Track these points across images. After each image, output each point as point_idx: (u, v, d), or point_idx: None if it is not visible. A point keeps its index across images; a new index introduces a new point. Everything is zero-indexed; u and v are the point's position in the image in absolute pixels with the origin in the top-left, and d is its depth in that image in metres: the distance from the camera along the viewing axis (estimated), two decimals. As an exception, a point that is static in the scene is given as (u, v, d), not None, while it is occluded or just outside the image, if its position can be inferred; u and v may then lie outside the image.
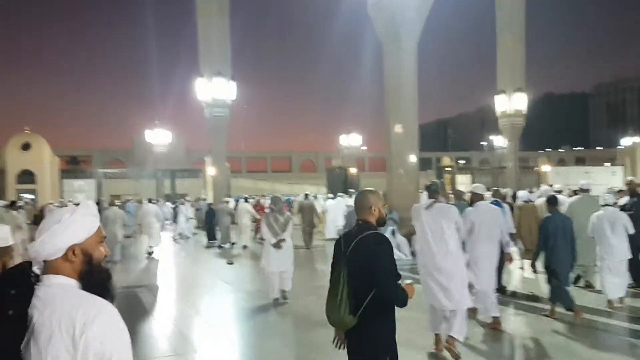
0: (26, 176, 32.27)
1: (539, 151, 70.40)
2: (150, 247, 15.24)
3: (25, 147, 32.21)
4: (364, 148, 58.30)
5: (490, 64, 35.28)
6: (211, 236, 18.12)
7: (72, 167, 51.68)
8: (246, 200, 20.62)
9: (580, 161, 70.26)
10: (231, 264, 12.60)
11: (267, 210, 9.16)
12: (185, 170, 39.40)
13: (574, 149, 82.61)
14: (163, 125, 47.68)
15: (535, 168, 44.91)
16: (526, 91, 34.19)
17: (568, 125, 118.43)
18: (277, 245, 8.11)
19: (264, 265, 8.35)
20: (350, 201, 15.87)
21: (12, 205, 12.70)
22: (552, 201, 7.10)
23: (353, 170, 37.97)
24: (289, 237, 8.31)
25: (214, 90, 27.59)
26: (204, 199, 28.24)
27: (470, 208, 6.60)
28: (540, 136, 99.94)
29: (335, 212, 17.13)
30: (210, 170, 34.85)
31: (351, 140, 49.62)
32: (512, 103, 34.01)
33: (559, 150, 79.61)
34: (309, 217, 16.26)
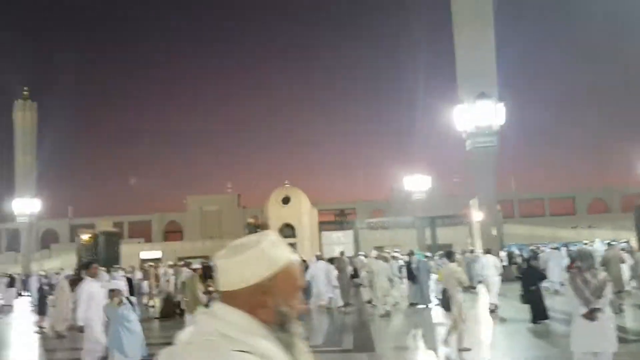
0: (287, 230, 31.93)
1: None
2: (492, 304, 13.51)
3: (285, 200, 32.08)
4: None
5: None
6: (541, 313, 11.34)
7: (340, 219, 51.83)
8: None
9: None
10: None
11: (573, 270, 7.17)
12: (446, 217, 34.54)
13: None
14: (421, 169, 44.36)
15: None
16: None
17: None
18: (589, 316, 5.94)
19: (572, 344, 6.31)
20: None
21: (450, 256, 10.08)
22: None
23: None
24: (607, 306, 6.13)
25: (477, 116, 22.47)
26: (471, 251, 22.70)
27: None
28: None
29: None
30: (477, 216, 29.40)
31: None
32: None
33: None
34: (616, 274, 12.24)
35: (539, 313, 11.31)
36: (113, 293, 7.22)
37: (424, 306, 15.09)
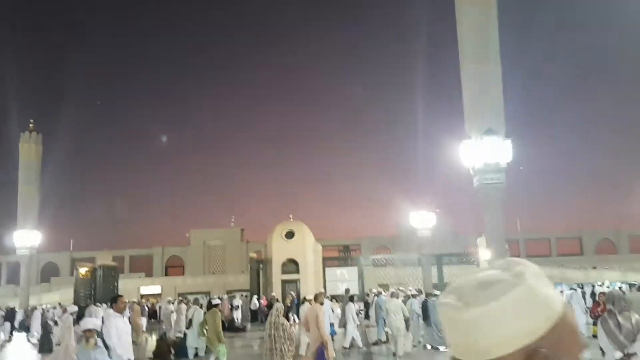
0: (290, 265, 31.32)
1: None
2: None
3: (289, 235, 31.55)
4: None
5: None
6: None
7: (344, 255, 51.10)
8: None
9: None
10: None
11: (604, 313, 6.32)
12: (453, 255, 33.87)
13: None
14: (426, 206, 43.95)
15: None
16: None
17: None
18: None
19: None
20: None
21: None
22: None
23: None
24: None
25: (484, 152, 22.24)
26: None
27: None
28: None
29: None
30: (484, 254, 28.84)
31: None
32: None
33: None
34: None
35: None
36: (88, 333, 6.21)
37: (440, 349, 14.25)
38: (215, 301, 12.74)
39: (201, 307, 17.43)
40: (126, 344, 7.26)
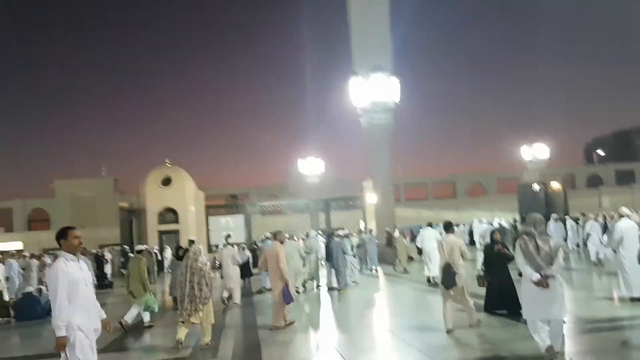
0: (169, 215, 28.98)
1: None
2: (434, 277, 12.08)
3: (166, 182, 29.01)
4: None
5: None
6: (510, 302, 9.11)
7: (230, 204, 49.29)
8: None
9: None
10: None
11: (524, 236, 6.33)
12: (340, 200, 33.65)
13: None
14: (314, 153, 43.32)
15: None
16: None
17: None
18: (541, 283, 5.79)
19: (524, 311, 6.15)
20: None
21: (449, 228, 8.70)
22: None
23: (556, 186, 28.81)
24: (558, 273, 5.95)
25: (372, 90, 21.46)
26: (370, 230, 21.84)
27: None
28: None
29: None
30: (371, 198, 28.82)
31: (536, 152, 40.04)
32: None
33: None
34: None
35: (504, 302, 8.97)
36: None
37: (339, 290, 13.85)
38: (140, 247, 11.79)
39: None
40: (88, 302, 4.48)
